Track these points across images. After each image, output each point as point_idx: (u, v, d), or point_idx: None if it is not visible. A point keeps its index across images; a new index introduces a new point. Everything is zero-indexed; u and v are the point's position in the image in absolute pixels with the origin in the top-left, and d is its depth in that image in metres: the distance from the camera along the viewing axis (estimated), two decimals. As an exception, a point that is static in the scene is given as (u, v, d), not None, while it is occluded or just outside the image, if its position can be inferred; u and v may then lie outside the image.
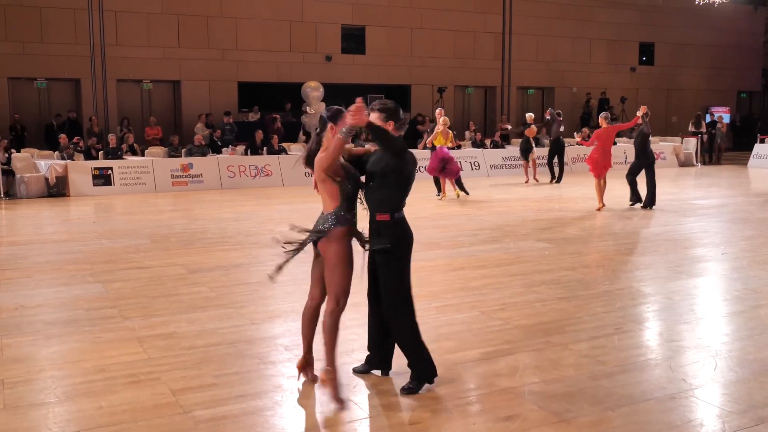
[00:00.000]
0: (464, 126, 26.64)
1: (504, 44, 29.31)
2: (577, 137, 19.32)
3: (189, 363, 5.83)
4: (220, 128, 22.47)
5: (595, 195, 14.93)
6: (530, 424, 4.71)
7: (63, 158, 18.60)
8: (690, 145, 27.40)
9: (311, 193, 5.26)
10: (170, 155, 20.15)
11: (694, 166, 26.69)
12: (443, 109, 17.64)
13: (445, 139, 16.08)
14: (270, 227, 12.68)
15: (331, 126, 5.01)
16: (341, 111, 5.05)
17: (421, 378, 5.24)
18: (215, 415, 4.85)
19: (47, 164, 17.96)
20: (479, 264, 9.63)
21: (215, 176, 19.47)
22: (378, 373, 5.55)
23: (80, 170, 18.14)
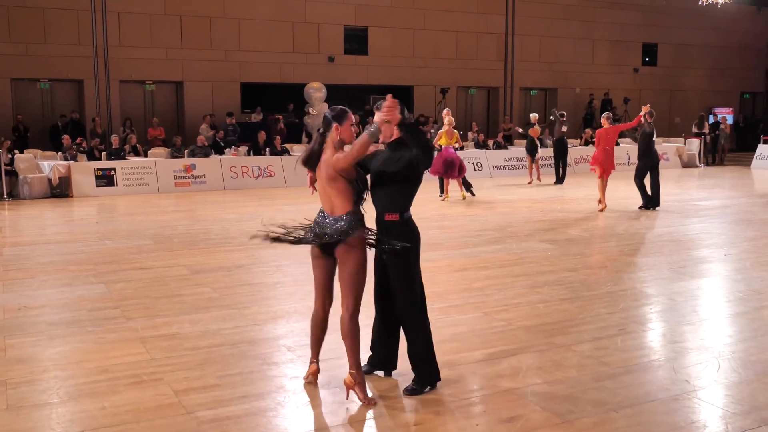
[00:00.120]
0: (467, 127, 26.64)
1: (507, 45, 29.33)
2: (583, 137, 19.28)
3: (192, 364, 5.84)
4: (223, 129, 22.49)
5: (599, 195, 14.93)
6: (533, 425, 4.71)
7: (66, 159, 18.63)
8: (693, 146, 27.39)
9: (316, 193, 5.23)
10: (173, 156, 20.19)
11: (697, 167, 26.67)
12: (450, 110, 17.62)
13: (450, 139, 16.05)
14: (272, 228, 12.64)
15: (336, 126, 4.95)
16: (346, 111, 5.02)
17: (424, 381, 5.24)
18: (218, 415, 4.86)
19: (50, 165, 17.98)
20: (482, 265, 9.63)
21: (218, 177, 19.48)
22: (380, 374, 5.55)
23: (83, 171, 18.16)
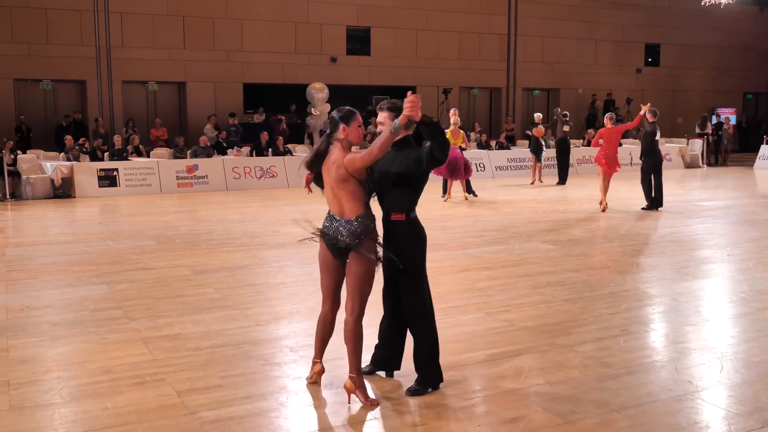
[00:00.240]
0: (469, 127, 26.65)
1: (509, 45, 29.32)
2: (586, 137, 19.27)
3: (194, 364, 5.84)
4: (225, 129, 22.51)
5: (600, 196, 14.95)
6: (535, 425, 4.71)
7: (69, 159, 18.65)
8: (696, 147, 27.37)
9: (317, 194, 5.21)
10: (175, 156, 20.20)
11: (700, 168, 26.66)
12: (456, 110, 17.62)
13: (456, 139, 16.04)
14: (275, 228, 12.69)
15: (343, 127, 4.92)
16: (353, 112, 4.99)
17: (427, 382, 5.23)
18: (220, 416, 4.85)
19: (53, 165, 18.00)
20: (485, 265, 9.63)
21: (220, 177, 19.49)
22: (382, 374, 5.55)
23: (86, 171, 18.18)
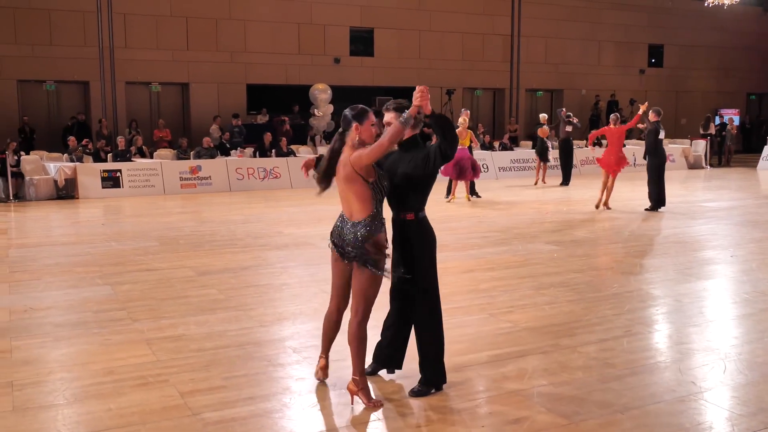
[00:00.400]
0: (473, 128, 26.61)
1: (513, 46, 29.32)
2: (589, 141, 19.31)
3: (197, 365, 5.84)
4: (229, 130, 22.53)
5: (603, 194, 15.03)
6: (539, 426, 4.70)
7: (72, 160, 18.67)
8: (699, 148, 27.34)
9: (319, 195, 5.20)
10: (179, 157, 20.20)
11: (703, 169, 26.63)
12: (468, 111, 17.69)
13: (462, 139, 16.07)
14: (279, 229, 12.69)
15: (356, 126, 4.87)
16: (366, 110, 4.94)
17: (430, 383, 5.23)
18: (224, 417, 4.85)
19: (56, 166, 18.01)
20: (488, 266, 9.62)
21: (224, 178, 19.50)
22: (384, 375, 5.54)
23: (89, 172, 18.20)
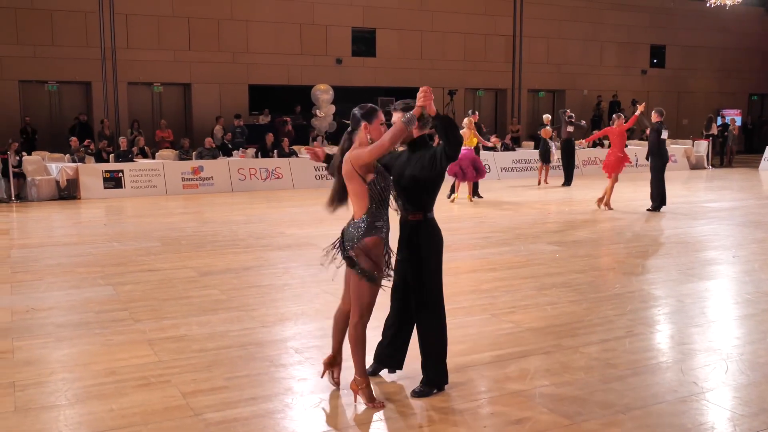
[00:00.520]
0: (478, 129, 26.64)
1: (515, 47, 29.31)
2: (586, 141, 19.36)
3: (199, 366, 5.84)
4: (231, 131, 22.53)
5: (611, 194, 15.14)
6: (541, 427, 4.70)
7: (74, 161, 18.67)
8: (701, 148, 27.33)
9: (322, 195, 5.20)
10: (181, 158, 20.19)
11: (705, 169, 26.61)
12: (476, 114, 17.79)
13: (466, 140, 16.17)
14: (281, 230, 12.69)
15: (365, 125, 4.85)
16: (375, 109, 4.92)
17: (432, 383, 5.23)
18: (226, 417, 4.86)
19: (58, 167, 18.02)
20: (490, 267, 9.62)
21: (226, 179, 19.50)
22: (385, 375, 5.54)
23: (91, 173, 18.21)
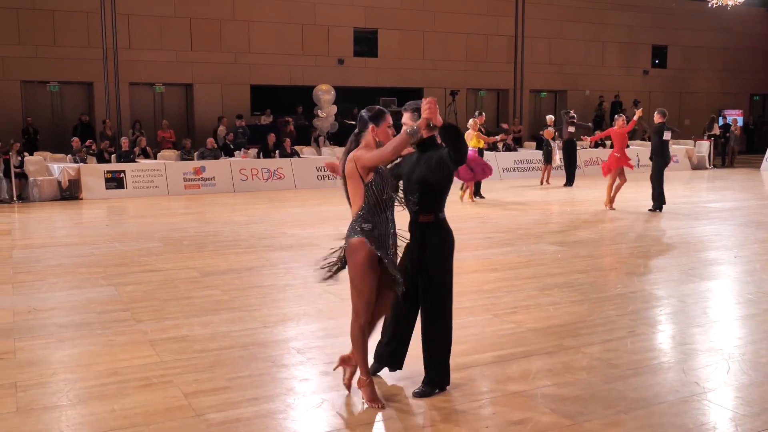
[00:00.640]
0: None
1: (516, 47, 29.30)
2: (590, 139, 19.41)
3: (201, 366, 5.84)
4: (233, 131, 22.54)
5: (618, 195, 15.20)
6: (543, 427, 4.70)
7: (76, 161, 18.68)
8: (703, 148, 27.31)
9: (324, 196, 5.20)
10: (183, 158, 20.20)
11: (707, 169, 26.60)
12: (482, 115, 17.89)
13: (469, 141, 16.43)
14: (283, 230, 12.70)
15: (372, 127, 4.83)
16: (383, 111, 4.90)
17: (434, 384, 5.23)
18: (228, 418, 4.86)
19: (60, 167, 18.03)
20: (492, 267, 9.62)
21: (228, 179, 19.50)
22: (385, 377, 5.54)
23: (93, 173, 18.22)
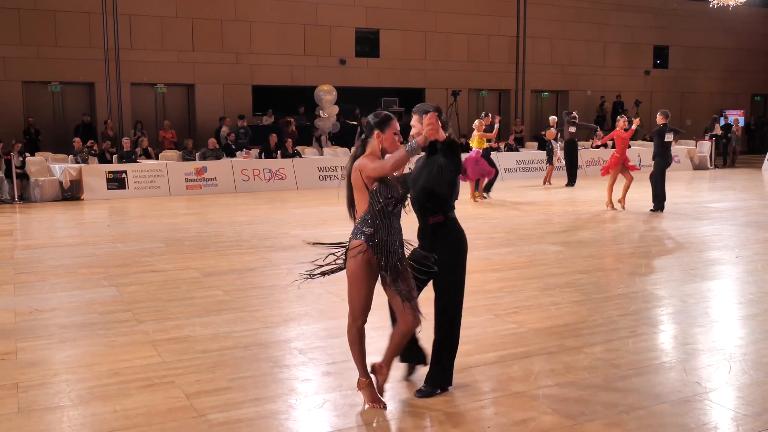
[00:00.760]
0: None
1: (518, 47, 29.31)
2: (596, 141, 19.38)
3: (203, 366, 5.84)
4: (234, 131, 22.55)
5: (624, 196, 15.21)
6: (544, 427, 4.70)
7: (77, 162, 18.70)
8: (704, 149, 27.31)
9: (325, 196, 5.20)
10: (184, 159, 20.21)
11: (708, 169, 26.59)
12: (488, 117, 17.91)
13: (472, 142, 16.59)
14: (284, 230, 12.70)
15: (378, 133, 4.78)
16: (390, 117, 4.85)
17: (436, 384, 5.22)
18: (229, 418, 4.86)
19: (61, 168, 18.05)
20: (494, 267, 9.61)
21: (229, 180, 19.51)
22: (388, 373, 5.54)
23: (94, 174, 18.23)
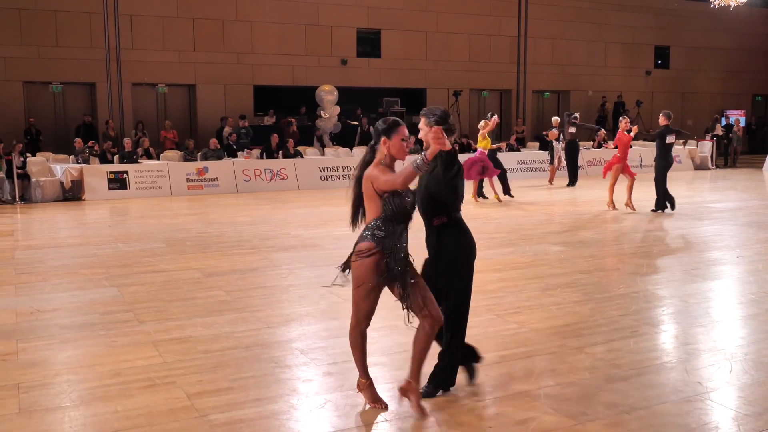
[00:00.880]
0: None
1: (519, 48, 29.31)
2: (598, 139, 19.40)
3: (205, 367, 5.84)
4: (236, 132, 22.55)
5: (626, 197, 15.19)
6: (546, 426, 4.70)
7: (78, 162, 18.71)
8: (705, 149, 27.30)
9: (327, 196, 5.20)
10: (185, 159, 20.22)
11: (709, 170, 26.59)
12: (493, 118, 18.00)
13: (474, 143, 16.76)
14: (286, 231, 12.70)
15: (384, 140, 4.75)
16: (397, 123, 4.79)
17: (438, 385, 5.22)
18: (231, 418, 4.86)
19: (62, 168, 18.06)
20: (495, 267, 9.61)
21: (231, 180, 19.51)
22: (387, 374, 5.54)
23: (95, 174, 18.23)
